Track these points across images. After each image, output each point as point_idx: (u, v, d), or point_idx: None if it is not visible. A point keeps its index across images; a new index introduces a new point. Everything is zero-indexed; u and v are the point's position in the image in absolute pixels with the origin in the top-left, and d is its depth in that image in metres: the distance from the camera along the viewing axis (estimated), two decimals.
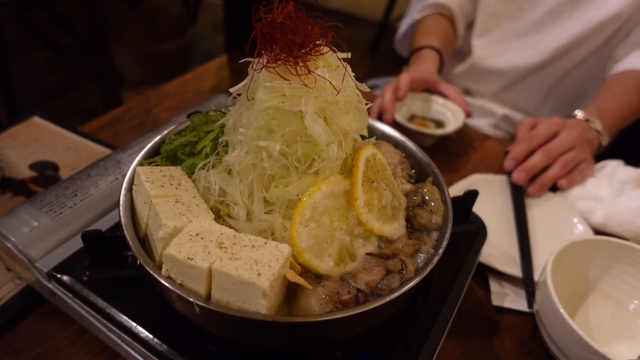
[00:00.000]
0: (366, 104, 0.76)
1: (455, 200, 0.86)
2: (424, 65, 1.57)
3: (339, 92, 0.69)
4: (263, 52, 0.70)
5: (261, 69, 0.70)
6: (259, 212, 0.71)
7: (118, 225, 0.73)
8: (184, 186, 0.75)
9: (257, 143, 0.69)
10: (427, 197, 0.80)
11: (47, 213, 0.91)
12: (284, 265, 0.63)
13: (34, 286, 0.89)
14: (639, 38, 1.48)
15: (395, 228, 0.75)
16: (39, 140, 1.27)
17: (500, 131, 1.76)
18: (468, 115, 1.45)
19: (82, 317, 0.83)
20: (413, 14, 1.78)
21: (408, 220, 0.79)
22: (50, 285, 0.84)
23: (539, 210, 1.21)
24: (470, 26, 1.80)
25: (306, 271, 0.68)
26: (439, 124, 1.47)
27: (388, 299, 0.64)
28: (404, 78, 1.41)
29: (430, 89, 1.53)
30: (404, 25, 1.85)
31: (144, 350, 0.75)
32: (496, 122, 1.75)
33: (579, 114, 1.38)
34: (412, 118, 1.48)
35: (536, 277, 1.01)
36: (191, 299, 0.61)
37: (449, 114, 1.47)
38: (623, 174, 1.22)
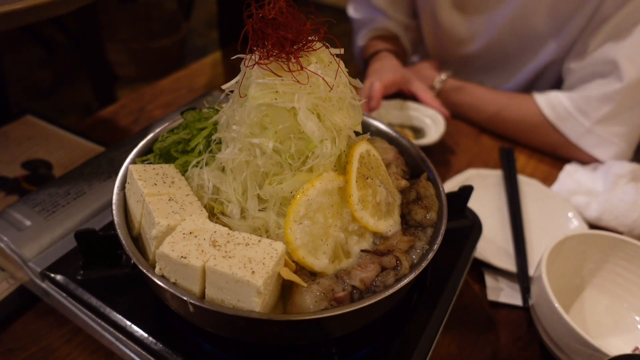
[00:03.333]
0: (360, 100, 0.76)
1: (450, 195, 0.85)
2: (387, 63, 1.52)
3: (332, 88, 0.69)
4: (255, 48, 0.69)
5: (253, 65, 0.69)
6: (253, 210, 0.70)
7: (111, 224, 0.72)
8: (177, 184, 0.75)
9: (250, 140, 0.69)
10: (421, 193, 0.80)
11: (40, 212, 0.90)
12: (278, 263, 0.63)
13: (28, 286, 0.89)
14: (587, 71, 1.36)
15: (390, 224, 0.75)
16: (32, 138, 1.26)
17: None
18: (446, 117, 1.40)
19: (77, 317, 0.82)
20: (358, 41, 1.75)
21: (403, 216, 0.78)
22: (43, 285, 0.84)
23: (534, 205, 1.21)
24: (417, 47, 1.84)
25: (301, 268, 0.68)
26: (418, 131, 1.42)
27: (383, 295, 0.64)
28: (377, 87, 1.34)
29: (403, 90, 1.47)
30: (356, 53, 1.82)
31: (138, 349, 0.75)
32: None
33: (443, 76, 1.51)
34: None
35: (531, 271, 1.01)
36: (185, 298, 0.61)
37: (428, 121, 1.41)
38: (617, 168, 1.22)
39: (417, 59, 1.89)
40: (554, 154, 1.42)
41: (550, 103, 1.36)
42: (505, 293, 1.01)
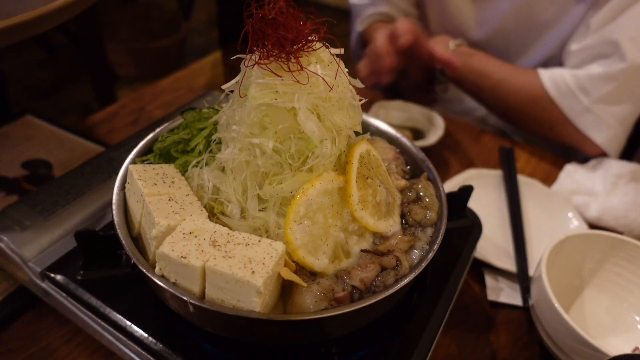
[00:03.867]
0: (360, 100, 0.76)
1: (450, 195, 0.85)
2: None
3: (332, 88, 0.69)
4: (255, 48, 0.69)
5: (253, 65, 0.69)
6: (253, 210, 0.70)
7: (111, 224, 0.72)
8: (177, 184, 0.75)
9: (250, 140, 0.69)
10: (421, 193, 0.80)
11: (40, 212, 0.90)
12: (278, 263, 0.63)
13: (28, 286, 0.89)
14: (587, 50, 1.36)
15: (389, 224, 0.75)
16: (32, 138, 1.26)
17: (488, 126, 1.75)
18: (455, 67, 1.36)
19: (77, 317, 0.82)
20: (356, 27, 1.75)
21: (403, 216, 0.78)
22: (43, 285, 0.84)
23: (534, 205, 1.21)
24: None
25: (301, 268, 0.68)
26: (418, 132, 1.42)
27: (383, 295, 0.64)
28: (404, 25, 1.29)
29: (417, 48, 1.39)
30: (353, 40, 1.82)
31: (138, 349, 0.75)
32: (484, 116, 1.75)
33: (457, 41, 1.50)
34: None
35: (531, 271, 1.01)
36: (185, 298, 0.61)
37: (427, 123, 1.42)
38: (617, 168, 1.22)
39: None
40: (549, 132, 1.42)
41: (553, 78, 1.36)
42: (505, 293, 1.01)
